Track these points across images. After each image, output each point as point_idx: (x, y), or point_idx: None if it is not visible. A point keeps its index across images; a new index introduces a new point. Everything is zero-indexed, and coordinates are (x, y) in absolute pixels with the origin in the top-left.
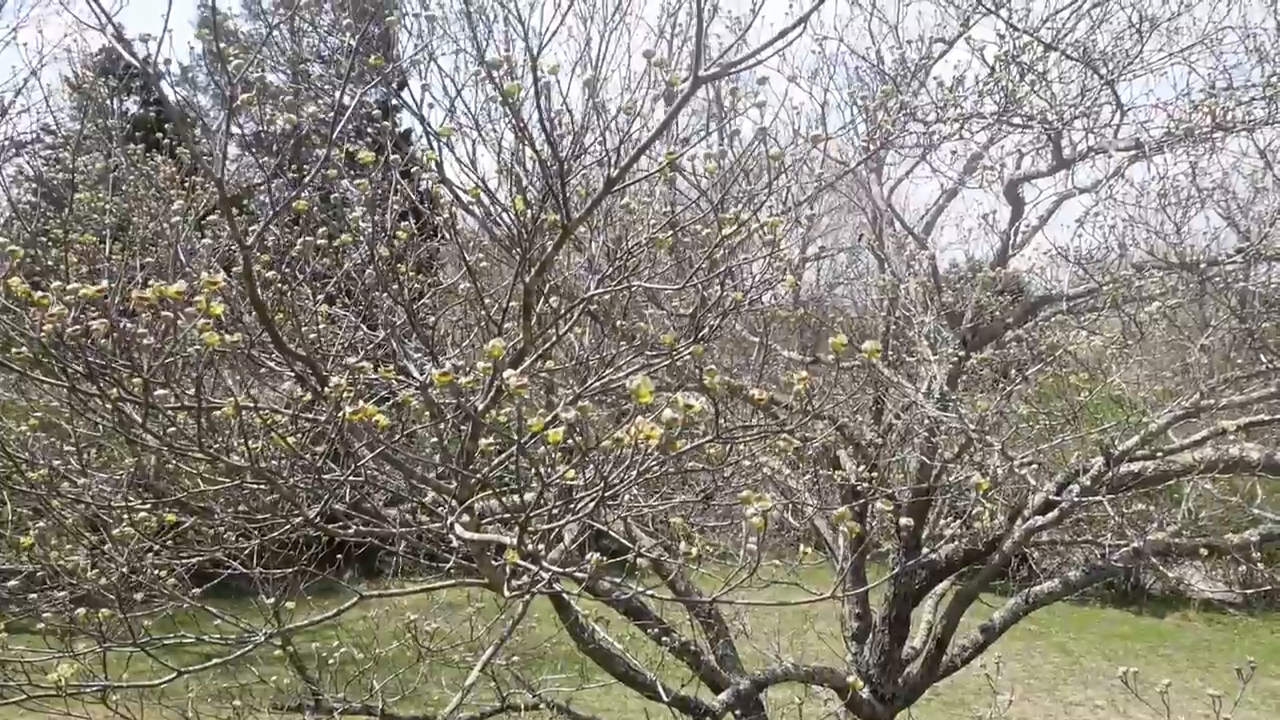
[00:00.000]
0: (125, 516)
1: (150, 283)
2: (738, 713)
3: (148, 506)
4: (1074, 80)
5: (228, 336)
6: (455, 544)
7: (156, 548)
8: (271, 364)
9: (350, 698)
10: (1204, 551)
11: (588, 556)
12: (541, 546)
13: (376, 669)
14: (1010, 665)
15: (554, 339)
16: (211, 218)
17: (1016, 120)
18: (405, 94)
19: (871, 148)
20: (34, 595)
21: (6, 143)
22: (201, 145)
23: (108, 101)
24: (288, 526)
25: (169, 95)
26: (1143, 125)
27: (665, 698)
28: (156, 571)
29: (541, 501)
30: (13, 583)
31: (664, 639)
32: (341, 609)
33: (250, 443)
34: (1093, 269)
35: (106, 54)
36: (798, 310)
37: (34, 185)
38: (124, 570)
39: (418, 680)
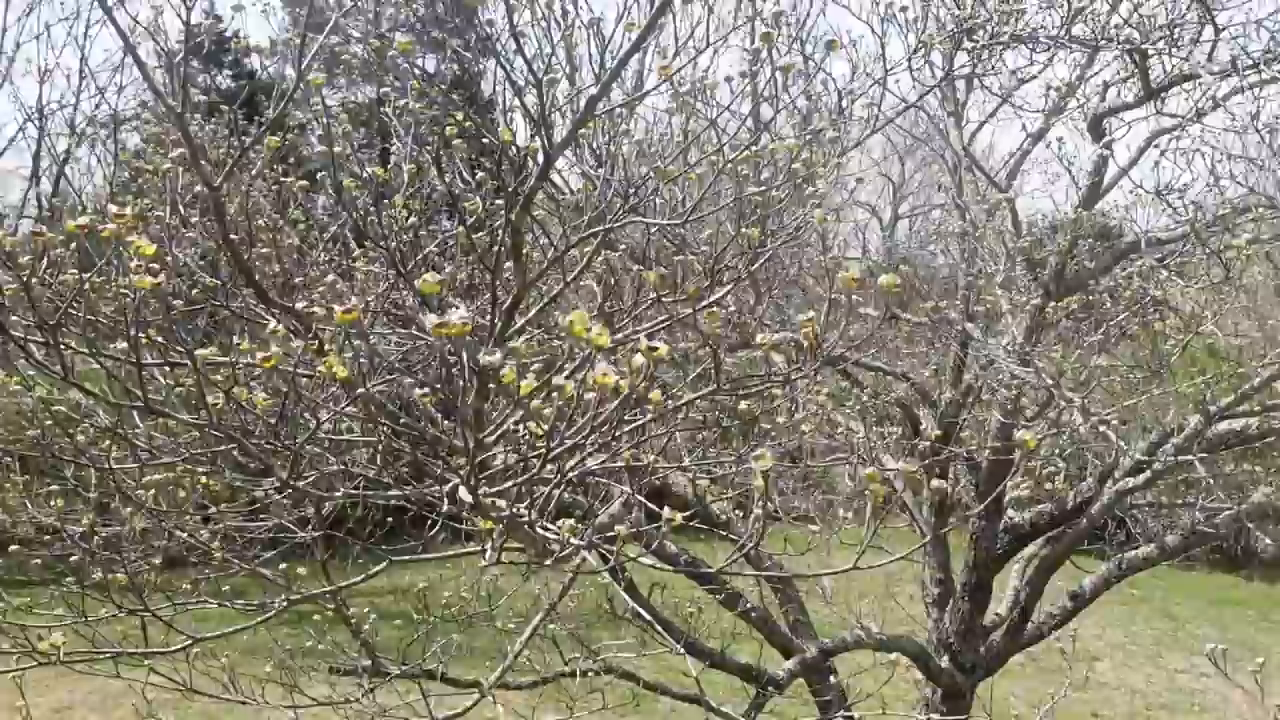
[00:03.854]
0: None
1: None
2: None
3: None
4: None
5: (160, 279)
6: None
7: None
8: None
9: (406, 661)
10: None
11: (634, 514)
12: (530, 511)
13: (435, 631)
14: (1110, 631)
15: (555, 292)
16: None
17: (1102, 41)
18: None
19: (947, 70)
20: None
21: (109, 119)
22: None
23: (197, 76)
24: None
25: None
26: (1236, 41)
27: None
28: (207, 537)
29: (520, 462)
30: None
31: (733, 604)
32: (369, 574)
33: (213, 400)
34: (1184, 206)
35: (193, 31)
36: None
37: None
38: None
39: (481, 642)
